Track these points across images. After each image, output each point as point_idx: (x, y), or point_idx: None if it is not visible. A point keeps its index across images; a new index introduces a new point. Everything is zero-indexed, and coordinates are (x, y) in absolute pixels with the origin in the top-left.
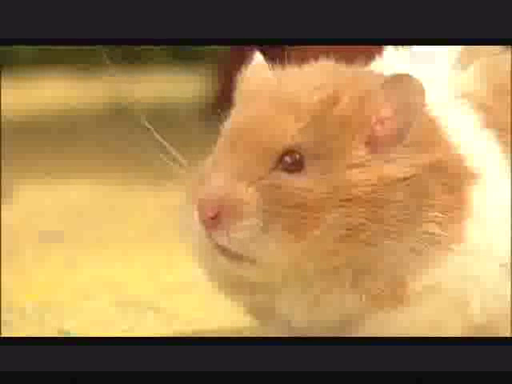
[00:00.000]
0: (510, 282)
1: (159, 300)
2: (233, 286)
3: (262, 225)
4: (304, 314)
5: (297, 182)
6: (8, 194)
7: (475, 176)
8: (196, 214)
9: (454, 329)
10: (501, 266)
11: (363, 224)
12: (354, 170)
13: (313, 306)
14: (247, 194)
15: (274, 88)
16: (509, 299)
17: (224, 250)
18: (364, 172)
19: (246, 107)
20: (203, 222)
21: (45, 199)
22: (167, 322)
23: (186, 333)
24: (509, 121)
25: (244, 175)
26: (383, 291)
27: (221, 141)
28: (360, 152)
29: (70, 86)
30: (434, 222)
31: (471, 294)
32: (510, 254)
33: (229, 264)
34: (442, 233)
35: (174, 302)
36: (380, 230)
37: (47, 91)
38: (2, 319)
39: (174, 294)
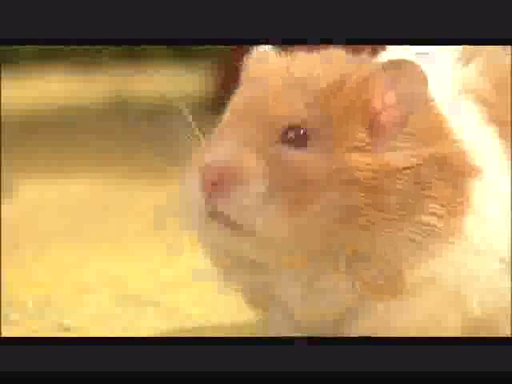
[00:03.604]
0: (509, 278)
1: (159, 295)
2: (232, 266)
3: (263, 192)
4: (298, 300)
5: (299, 157)
6: (8, 191)
7: (478, 172)
8: (198, 180)
9: (452, 322)
10: (500, 261)
11: (362, 208)
12: (355, 154)
13: (307, 293)
14: (252, 160)
15: (283, 70)
16: (508, 296)
17: (223, 219)
18: (365, 156)
19: (254, 84)
20: (204, 187)
21: (45, 195)
22: (167, 316)
23: (185, 328)
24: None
25: (249, 143)
26: (381, 282)
27: (227, 114)
28: (361, 135)
29: (70, 83)
30: (434, 214)
31: (470, 289)
32: (509, 250)
33: (227, 234)
34: (442, 226)
35: (174, 297)
36: (378, 216)
37: (47, 89)
38: (3, 314)
39: (174, 288)
